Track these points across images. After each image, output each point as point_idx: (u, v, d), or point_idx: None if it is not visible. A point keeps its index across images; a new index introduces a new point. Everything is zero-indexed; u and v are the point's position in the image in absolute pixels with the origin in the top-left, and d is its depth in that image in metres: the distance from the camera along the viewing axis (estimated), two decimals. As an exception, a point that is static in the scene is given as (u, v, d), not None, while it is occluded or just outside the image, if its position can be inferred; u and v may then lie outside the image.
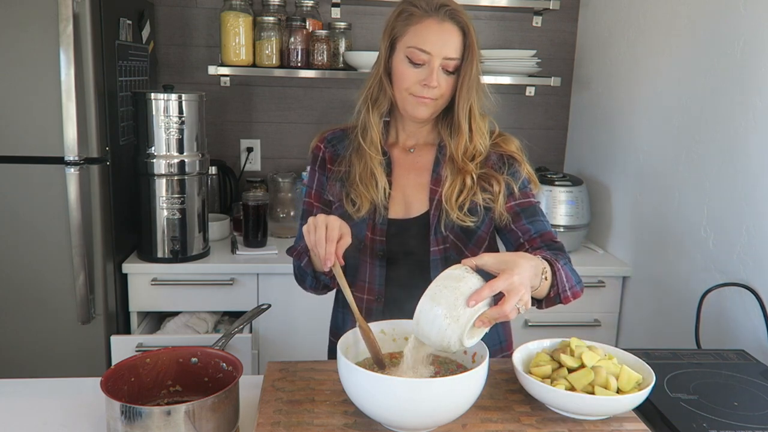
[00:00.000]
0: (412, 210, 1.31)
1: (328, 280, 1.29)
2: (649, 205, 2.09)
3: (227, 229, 2.38)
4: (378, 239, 1.30)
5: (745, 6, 1.64)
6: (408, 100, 1.25)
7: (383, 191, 1.28)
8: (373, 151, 1.29)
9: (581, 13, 2.63)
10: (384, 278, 1.31)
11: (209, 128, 2.32)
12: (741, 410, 1.12)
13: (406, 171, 1.34)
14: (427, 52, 1.21)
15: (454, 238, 1.28)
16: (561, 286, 1.14)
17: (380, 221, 1.29)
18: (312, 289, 1.34)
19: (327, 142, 1.37)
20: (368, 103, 1.30)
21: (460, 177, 1.27)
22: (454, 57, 1.21)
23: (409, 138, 1.35)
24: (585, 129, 2.59)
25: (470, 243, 1.30)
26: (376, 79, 1.29)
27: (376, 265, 1.30)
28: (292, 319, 2.14)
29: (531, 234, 1.28)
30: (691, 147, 1.86)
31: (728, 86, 1.70)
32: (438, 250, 1.29)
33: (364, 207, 1.28)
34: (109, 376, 0.99)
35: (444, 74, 1.23)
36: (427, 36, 1.21)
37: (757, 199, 1.60)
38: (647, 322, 2.11)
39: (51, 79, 1.79)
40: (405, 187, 1.33)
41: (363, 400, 0.96)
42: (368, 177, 1.28)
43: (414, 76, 1.23)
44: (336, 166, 1.34)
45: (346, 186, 1.31)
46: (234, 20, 2.24)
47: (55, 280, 1.92)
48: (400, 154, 1.35)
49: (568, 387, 1.05)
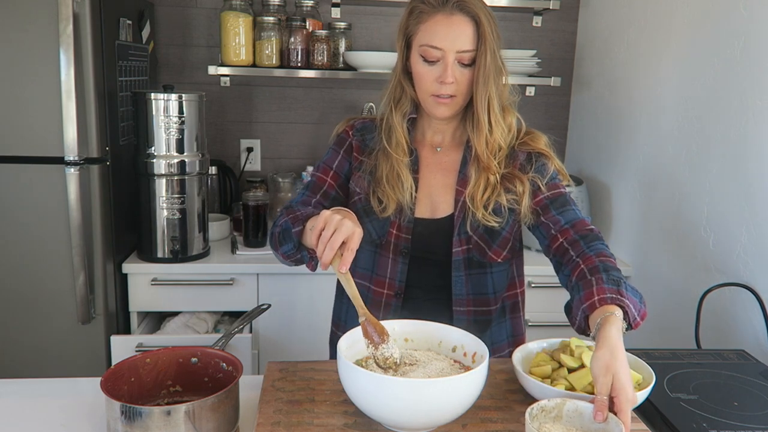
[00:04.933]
0: (438, 211, 1.31)
1: (308, 258, 1.21)
2: (650, 205, 2.09)
3: (227, 229, 2.38)
4: (403, 236, 1.29)
5: (745, 6, 1.64)
6: (428, 101, 1.25)
7: (409, 193, 1.27)
8: (400, 153, 1.28)
9: (581, 13, 2.62)
10: (405, 275, 1.31)
11: (209, 128, 2.32)
12: (741, 410, 1.12)
13: (433, 171, 1.33)
14: (440, 48, 1.19)
15: (477, 239, 1.28)
16: (632, 317, 1.09)
17: (406, 221, 1.29)
18: (284, 256, 1.24)
19: (356, 131, 1.36)
20: (391, 104, 1.30)
21: (484, 175, 1.26)
22: (468, 49, 1.19)
23: (436, 135, 1.34)
24: (585, 129, 2.59)
25: (494, 244, 1.29)
26: (396, 80, 1.29)
27: (399, 261, 1.30)
28: (292, 319, 2.14)
29: (561, 225, 1.25)
30: (691, 147, 1.86)
31: (728, 86, 1.70)
32: (461, 251, 1.29)
33: (390, 207, 1.27)
34: (109, 376, 0.99)
35: (460, 67, 1.21)
36: (437, 32, 1.19)
37: (757, 199, 1.60)
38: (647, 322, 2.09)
39: (51, 79, 1.79)
40: (432, 188, 1.32)
41: (363, 400, 0.96)
42: (394, 178, 1.27)
43: (430, 75, 1.21)
44: (364, 157, 1.33)
45: (372, 183, 1.30)
46: (234, 20, 2.24)
47: (55, 280, 1.92)
48: (428, 153, 1.34)
49: (568, 387, 1.05)
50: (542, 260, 2.26)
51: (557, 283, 2.20)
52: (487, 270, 1.31)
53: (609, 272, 1.11)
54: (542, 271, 2.19)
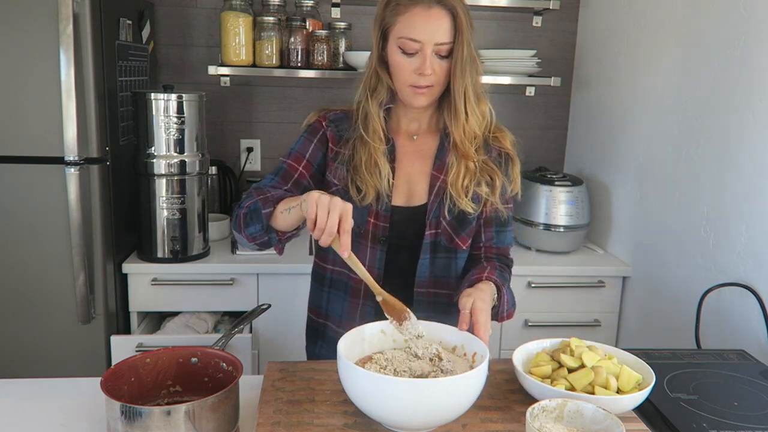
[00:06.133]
0: (415, 198, 1.33)
1: (276, 241, 1.22)
2: (649, 205, 2.09)
3: (227, 229, 2.38)
4: (381, 225, 1.31)
5: (745, 6, 1.64)
6: (406, 91, 1.27)
7: (387, 180, 1.29)
8: (377, 141, 1.29)
9: (581, 13, 2.62)
10: (384, 262, 1.33)
11: (209, 128, 2.32)
12: (741, 410, 1.12)
13: (410, 159, 1.35)
14: (418, 41, 1.21)
15: (446, 225, 1.31)
16: (501, 309, 1.28)
17: (383, 208, 1.31)
18: (250, 238, 1.23)
19: (330, 122, 1.36)
20: (367, 93, 1.31)
21: (463, 162, 1.29)
22: (445, 41, 1.21)
23: (412, 123, 1.36)
24: (585, 129, 2.59)
25: (463, 232, 1.33)
26: (372, 70, 1.30)
27: (377, 249, 1.32)
28: (292, 319, 2.13)
29: (492, 243, 1.38)
30: (691, 147, 1.86)
31: (728, 86, 1.70)
32: (430, 235, 1.32)
33: (369, 195, 1.29)
34: (109, 376, 0.99)
35: (437, 59, 1.23)
36: (415, 24, 1.21)
37: (757, 199, 1.60)
38: (647, 322, 2.11)
39: (51, 79, 1.79)
40: (409, 175, 1.34)
41: (363, 400, 0.96)
42: (372, 165, 1.29)
43: (408, 66, 1.23)
44: (340, 147, 1.34)
45: (350, 172, 1.31)
46: (234, 20, 2.24)
47: (55, 280, 1.92)
48: (405, 141, 1.36)
49: (568, 387, 1.05)
50: (542, 260, 2.28)
51: (557, 283, 2.23)
52: (452, 255, 1.35)
53: (503, 272, 1.33)
54: (542, 271, 2.20)
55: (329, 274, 1.38)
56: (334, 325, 1.39)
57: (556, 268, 2.21)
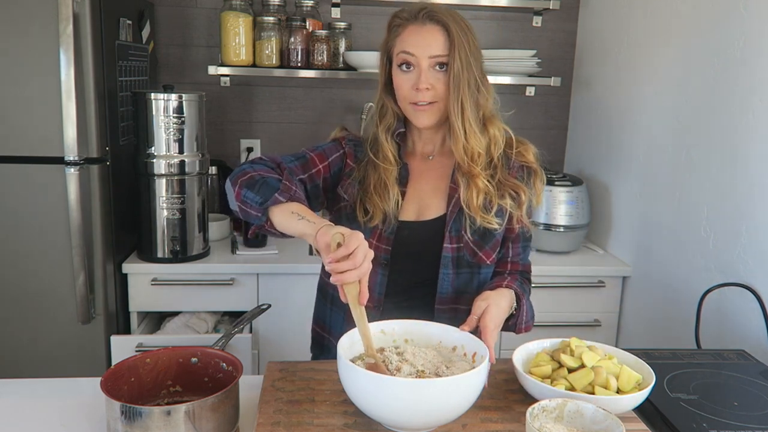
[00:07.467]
0: (427, 213, 1.31)
1: (263, 220, 1.17)
2: (649, 205, 2.09)
3: (227, 229, 2.38)
4: (383, 248, 1.29)
5: (745, 6, 1.64)
6: (408, 109, 1.27)
7: (395, 203, 1.28)
8: (387, 164, 1.30)
9: (581, 13, 2.62)
10: (385, 286, 1.30)
11: (209, 128, 2.32)
12: (741, 410, 1.12)
13: (425, 179, 1.34)
14: (412, 54, 1.23)
15: (469, 239, 1.28)
16: (520, 320, 1.28)
17: (388, 231, 1.29)
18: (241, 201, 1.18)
19: (348, 141, 1.37)
20: (376, 119, 1.33)
21: (472, 181, 1.27)
22: (440, 54, 1.22)
23: (426, 145, 1.36)
24: (585, 129, 2.59)
25: (486, 245, 1.30)
26: (379, 96, 1.33)
27: (378, 273, 1.29)
28: (292, 319, 2.14)
29: (519, 258, 1.36)
30: (691, 147, 1.86)
31: (728, 86, 1.70)
32: (450, 248, 1.29)
33: (376, 217, 1.28)
34: (109, 376, 0.99)
35: (436, 72, 1.23)
36: (410, 39, 1.24)
37: (757, 199, 1.60)
38: (647, 322, 2.11)
39: (51, 79, 1.79)
40: (421, 192, 1.33)
41: (363, 400, 0.96)
42: (381, 188, 1.29)
43: (407, 82, 1.24)
44: (356, 164, 1.34)
45: (360, 192, 1.30)
46: (234, 20, 2.24)
47: (55, 280, 1.92)
48: (419, 163, 1.35)
49: (568, 387, 1.05)
50: (542, 260, 2.28)
51: (557, 283, 2.23)
52: (474, 270, 1.31)
53: (524, 284, 1.33)
54: (542, 271, 2.19)
55: (331, 290, 1.36)
56: (335, 341, 1.37)
57: (556, 268, 2.21)
